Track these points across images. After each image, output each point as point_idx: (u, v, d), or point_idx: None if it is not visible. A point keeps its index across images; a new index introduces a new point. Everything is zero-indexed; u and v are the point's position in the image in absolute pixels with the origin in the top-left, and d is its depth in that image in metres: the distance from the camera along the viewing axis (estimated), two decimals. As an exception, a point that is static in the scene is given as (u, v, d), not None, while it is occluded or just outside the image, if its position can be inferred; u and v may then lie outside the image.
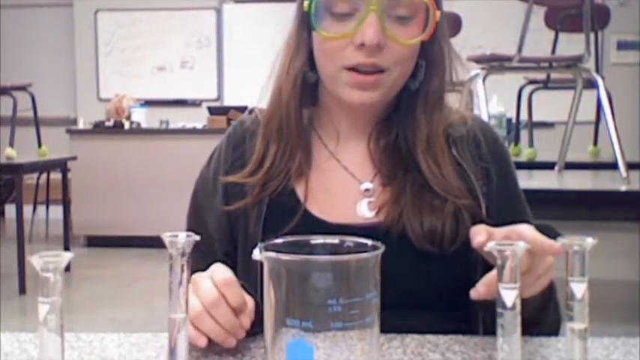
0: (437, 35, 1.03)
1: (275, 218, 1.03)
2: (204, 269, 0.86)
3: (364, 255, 0.66)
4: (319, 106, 1.10)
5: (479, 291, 0.82)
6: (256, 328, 0.85)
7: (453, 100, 1.18)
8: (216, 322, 0.81)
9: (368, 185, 1.06)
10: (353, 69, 0.99)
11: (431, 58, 1.05)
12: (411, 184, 1.03)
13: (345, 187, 1.06)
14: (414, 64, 1.03)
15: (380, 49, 0.97)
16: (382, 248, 0.67)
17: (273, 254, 0.65)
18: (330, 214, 1.03)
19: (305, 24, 1.03)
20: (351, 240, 0.71)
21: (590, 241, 0.65)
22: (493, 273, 0.81)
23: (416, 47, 1.01)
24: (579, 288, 0.65)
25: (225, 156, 1.11)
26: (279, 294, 0.65)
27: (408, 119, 1.05)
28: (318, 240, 0.71)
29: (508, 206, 1.06)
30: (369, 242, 0.69)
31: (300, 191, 1.05)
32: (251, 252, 0.83)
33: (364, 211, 1.04)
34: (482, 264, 0.99)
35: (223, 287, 0.81)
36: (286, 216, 1.02)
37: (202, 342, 0.81)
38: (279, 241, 0.69)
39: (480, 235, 0.82)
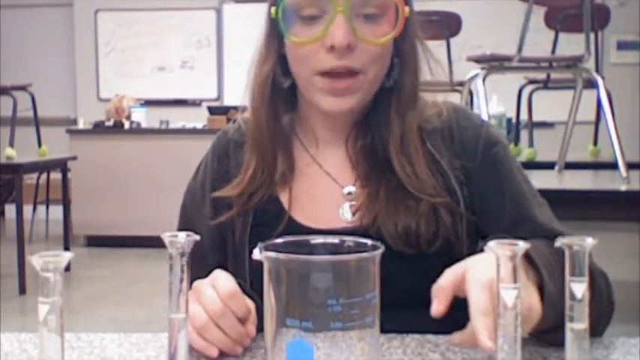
0: (408, 31, 1.02)
1: (261, 226, 1.03)
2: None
3: (364, 255, 0.66)
4: (298, 111, 1.10)
5: (453, 340, 0.79)
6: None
7: (452, 100, 1.18)
8: (223, 332, 0.81)
9: (350, 189, 1.05)
10: (327, 74, 0.98)
11: (403, 55, 1.04)
12: (386, 185, 1.02)
13: (328, 191, 1.06)
14: (388, 63, 1.02)
15: (351, 51, 0.97)
16: (382, 248, 0.67)
17: (273, 254, 0.65)
18: (314, 220, 1.03)
19: (274, 30, 1.03)
20: (350, 240, 0.71)
21: (590, 241, 0.65)
22: (469, 331, 0.74)
23: (388, 45, 1.01)
24: (579, 288, 0.65)
25: (210, 167, 1.11)
26: (278, 294, 0.65)
27: (382, 118, 1.05)
28: (317, 240, 0.71)
29: (503, 204, 1.03)
30: (369, 242, 0.69)
31: (284, 198, 1.05)
32: (238, 261, 0.82)
33: (346, 215, 1.04)
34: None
35: (228, 299, 0.81)
36: (272, 224, 1.02)
37: (214, 352, 0.81)
38: (279, 241, 0.69)
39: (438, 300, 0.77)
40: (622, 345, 0.87)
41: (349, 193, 1.05)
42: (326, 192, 1.06)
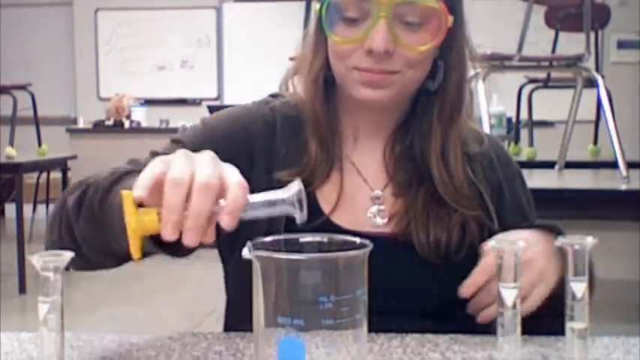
0: (455, 39, 1.02)
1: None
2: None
3: (353, 253, 0.66)
4: (338, 107, 1.09)
5: (465, 291, 0.86)
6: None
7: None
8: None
9: (378, 193, 1.05)
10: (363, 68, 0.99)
11: (448, 61, 1.04)
12: (423, 194, 1.03)
13: (357, 192, 1.05)
14: (428, 68, 1.02)
15: (389, 56, 0.97)
16: (370, 246, 0.67)
17: (263, 253, 0.65)
18: (343, 220, 1.03)
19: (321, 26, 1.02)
20: (340, 238, 0.71)
21: (590, 240, 0.65)
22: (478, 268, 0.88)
23: (428, 52, 1.00)
24: (579, 287, 0.66)
25: (248, 125, 1.06)
26: (268, 292, 0.65)
27: (424, 123, 1.04)
28: (306, 238, 0.72)
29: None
30: (357, 240, 0.69)
31: (319, 194, 1.04)
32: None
33: (375, 219, 1.04)
34: None
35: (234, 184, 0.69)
36: (308, 219, 1.00)
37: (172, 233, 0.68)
38: (267, 239, 0.69)
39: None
40: (622, 344, 0.87)
41: (377, 197, 1.05)
42: (354, 192, 1.05)
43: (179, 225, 0.66)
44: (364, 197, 1.05)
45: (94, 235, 0.87)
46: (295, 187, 0.71)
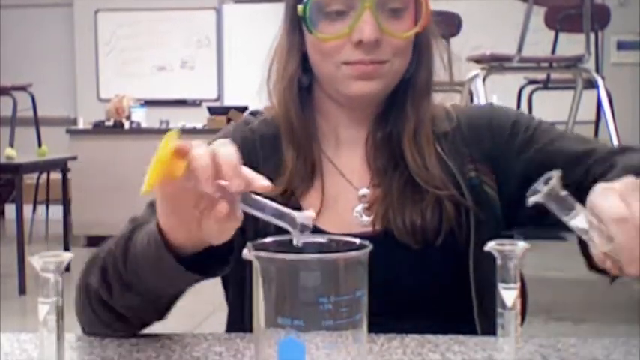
0: (425, 27, 1.04)
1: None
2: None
3: (352, 253, 0.66)
4: (315, 110, 1.09)
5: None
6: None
7: (453, 100, 1.18)
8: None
9: (365, 191, 1.06)
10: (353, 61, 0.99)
11: (419, 49, 1.05)
12: (398, 179, 1.03)
13: (343, 193, 1.05)
14: (410, 55, 1.04)
15: (378, 45, 0.98)
16: (370, 247, 0.67)
17: (262, 253, 0.65)
18: (328, 223, 1.02)
19: (296, 27, 1.03)
20: (340, 239, 0.71)
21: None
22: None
23: (411, 39, 1.02)
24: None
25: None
26: (268, 293, 0.65)
27: (398, 111, 1.06)
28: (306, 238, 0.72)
29: (544, 165, 0.99)
30: (357, 240, 0.69)
31: (303, 200, 1.04)
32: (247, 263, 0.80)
33: (361, 218, 1.04)
34: (474, 254, 0.99)
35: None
36: None
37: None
38: (268, 240, 0.69)
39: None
40: (622, 345, 0.87)
41: (364, 196, 1.05)
42: (338, 194, 1.05)
43: (212, 174, 0.70)
44: (350, 198, 1.05)
45: (133, 296, 0.88)
46: (309, 215, 0.70)
